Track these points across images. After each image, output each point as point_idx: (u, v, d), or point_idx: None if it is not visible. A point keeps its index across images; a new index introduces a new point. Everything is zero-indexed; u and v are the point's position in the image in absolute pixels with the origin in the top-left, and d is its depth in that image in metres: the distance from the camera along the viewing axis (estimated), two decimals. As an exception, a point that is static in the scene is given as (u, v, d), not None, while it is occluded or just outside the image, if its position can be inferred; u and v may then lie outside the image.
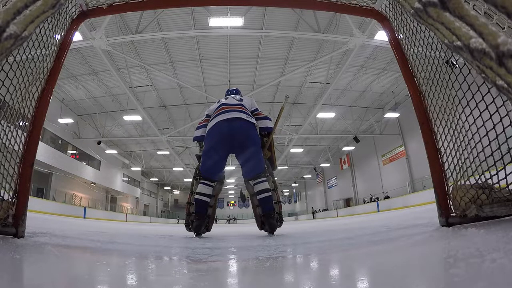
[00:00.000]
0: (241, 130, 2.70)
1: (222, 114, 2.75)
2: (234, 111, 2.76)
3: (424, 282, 0.59)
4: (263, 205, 2.75)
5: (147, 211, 34.22)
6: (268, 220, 2.69)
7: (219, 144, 2.70)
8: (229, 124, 2.68)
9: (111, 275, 0.81)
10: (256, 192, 2.77)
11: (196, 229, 2.68)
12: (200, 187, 2.74)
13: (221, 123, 2.69)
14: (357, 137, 19.00)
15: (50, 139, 16.09)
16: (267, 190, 2.74)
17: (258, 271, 0.86)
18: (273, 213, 2.73)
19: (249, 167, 2.81)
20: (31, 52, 1.43)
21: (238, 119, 2.71)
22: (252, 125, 2.79)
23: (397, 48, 1.80)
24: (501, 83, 0.73)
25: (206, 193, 2.74)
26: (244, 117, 2.74)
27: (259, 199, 2.76)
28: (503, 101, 1.05)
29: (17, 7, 0.93)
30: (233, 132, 2.67)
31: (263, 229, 2.92)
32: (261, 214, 2.80)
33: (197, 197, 2.71)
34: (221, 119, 2.71)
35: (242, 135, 2.70)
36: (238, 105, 2.86)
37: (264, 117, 3.06)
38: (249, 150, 2.74)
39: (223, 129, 2.68)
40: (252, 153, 2.75)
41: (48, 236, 1.74)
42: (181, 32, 9.88)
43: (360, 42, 9.22)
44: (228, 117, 2.71)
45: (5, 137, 1.38)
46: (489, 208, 1.19)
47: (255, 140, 2.79)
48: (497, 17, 0.84)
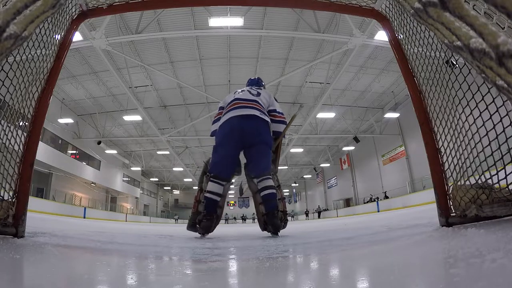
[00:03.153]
0: (252, 128, 2.60)
1: (235, 110, 2.64)
2: (248, 108, 2.64)
3: (424, 282, 0.59)
4: (267, 202, 2.60)
5: (147, 211, 34.21)
6: (271, 220, 2.52)
7: (229, 141, 2.60)
8: (241, 121, 2.58)
9: (111, 275, 0.81)
10: (260, 189, 2.64)
11: (205, 229, 2.55)
12: (210, 185, 2.59)
13: (233, 120, 2.60)
14: (357, 137, 19.01)
15: (50, 139, 16.09)
16: (271, 187, 2.61)
17: (258, 271, 0.86)
18: (277, 212, 2.57)
19: (256, 165, 2.68)
20: (31, 52, 1.43)
21: (251, 116, 2.60)
22: (265, 123, 2.68)
23: (397, 48, 1.80)
24: (501, 83, 0.73)
25: (217, 192, 2.59)
26: (258, 114, 2.63)
27: (263, 195, 2.62)
28: (503, 101, 1.05)
29: (17, 7, 0.93)
30: (244, 130, 2.57)
31: (266, 230, 2.73)
32: (264, 213, 2.63)
33: (208, 196, 2.56)
34: (233, 115, 2.61)
35: (253, 133, 2.60)
36: (252, 101, 2.73)
37: (279, 120, 2.93)
38: (259, 148, 2.63)
39: (234, 126, 2.58)
40: (261, 152, 2.65)
41: (48, 236, 1.74)
42: (181, 32, 9.87)
43: (360, 42, 9.22)
44: (241, 113, 2.60)
45: (5, 137, 1.38)
46: (489, 208, 1.19)
47: (267, 139, 2.69)
48: (497, 17, 0.84)
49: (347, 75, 13.47)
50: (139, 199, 31.08)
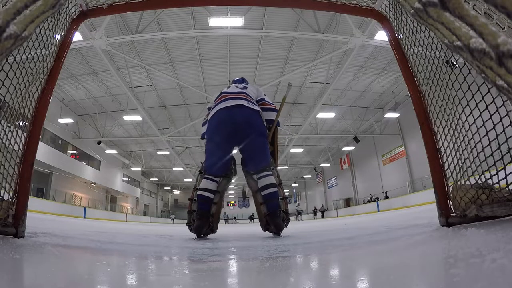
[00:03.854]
0: (242, 117, 2.46)
1: (222, 102, 2.54)
2: (235, 99, 2.54)
3: (424, 282, 0.59)
4: (268, 202, 2.46)
5: (147, 211, 34.21)
6: (273, 220, 2.42)
7: (219, 134, 2.49)
8: (229, 112, 2.46)
9: (111, 275, 0.81)
10: (261, 188, 2.49)
11: (197, 230, 2.41)
12: (203, 182, 2.50)
13: (220, 112, 2.49)
14: (357, 137, 19.01)
15: (50, 139, 16.09)
16: (272, 185, 2.47)
17: (258, 271, 0.86)
18: (279, 212, 2.47)
19: (253, 159, 2.55)
20: (31, 52, 1.43)
21: (239, 106, 2.48)
22: (255, 112, 2.54)
23: (397, 48, 1.80)
24: (501, 83, 0.73)
25: (210, 189, 2.47)
26: (245, 104, 2.50)
27: (264, 195, 2.47)
28: (503, 101, 1.05)
29: (17, 7, 0.93)
30: (234, 120, 2.44)
31: (267, 230, 2.66)
32: (266, 213, 2.49)
33: (200, 193, 2.46)
34: (220, 108, 2.50)
35: (243, 123, 2.45)
36: (240, 93, 2.64)
37: (269, 108, 2.79)
38: (252, 139, 2.47)
39: (223, 118, 2.47)
40: (256, 143, 2.49)
41: (48, 236, 1.74)
42: (181, 32, 9.87)
43: (360, 42, 9.22)
44: (228, 104, 2.48)
45: (5, 137, 1.38)
46: (489, 208, 1.19)
47: (260, 128, 2.53)
48: (497, 17, 0.84)
49: (347, 75, 13.47)
50: (139, 199, 31.08)
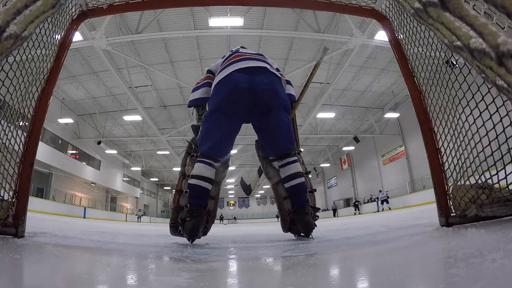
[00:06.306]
0: (267, 84, 1.88)
1: (238, 62, 1.93)
2: (255, 60, 1.98)
3: (424, 282, 0.59)
4: (294, 196, 1.92)
5: (147, 211, 34.21)
6: (301, 218, 1.86)
7: (232, 104, 1.85)
8: (250, 76, 1.86)
9: (111, 275, 0.81)
10: (284, 178, 1.95)
11: (191, 232, 1.73)
12: (197, 167, 1.86)
13: (237, 74, 1.86)
14: (357, 137, 19.02)
15: (50, 139, 16.10)
16: (300, 175, 1.94)
17: (258, 271, 0.86)
18: (308, 208, 1.91)
19: (277, 140, 1.98)
20: (31, 52, 1.43)
21: (261, 70, 1.92)
22: (280, 80, 2.01)
23: (397, 48, 1.80)
24: (501, 83, 0.73)
25: (207, 177, 1.84)
26: (269, 68, 1.96)
27: (288, 187, 1.93)
28: (503, 101, 1.05)
29: (17, 7, 0.93)
30: (254, 88, 1.83)
31: (291, 231, 2.08)
32: (290, 210, 1.93)
33: (193, 182, 1.82)
34: (236, 68, 1.89)
35: (268, 92, 1.87)
36: (259, 54, 2.11)
37: (287, 80, 2.17)
38: (278, 115, 1.91)
39: (240, 83, 1.83)
40: (282, 120, 1.93)
41: (48, 236, 1.74)
42: (181, 32, 9.88)
43: (360, 42, 9.23)
44: (248, 65, 1.90)
45: (5, 137, 1.38)
46: (489, 208, 1.19)
47: (286, 102, 1.99)
48: (497, 17, 0.84)
49: (347, 75, 13.48)
50: (139, 199, 31.08)
